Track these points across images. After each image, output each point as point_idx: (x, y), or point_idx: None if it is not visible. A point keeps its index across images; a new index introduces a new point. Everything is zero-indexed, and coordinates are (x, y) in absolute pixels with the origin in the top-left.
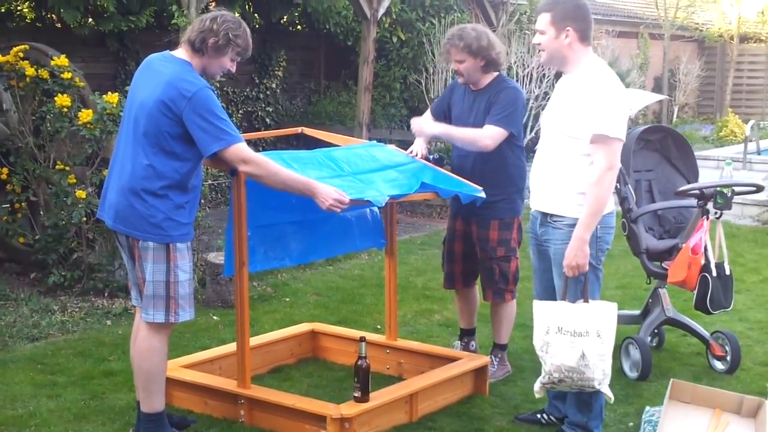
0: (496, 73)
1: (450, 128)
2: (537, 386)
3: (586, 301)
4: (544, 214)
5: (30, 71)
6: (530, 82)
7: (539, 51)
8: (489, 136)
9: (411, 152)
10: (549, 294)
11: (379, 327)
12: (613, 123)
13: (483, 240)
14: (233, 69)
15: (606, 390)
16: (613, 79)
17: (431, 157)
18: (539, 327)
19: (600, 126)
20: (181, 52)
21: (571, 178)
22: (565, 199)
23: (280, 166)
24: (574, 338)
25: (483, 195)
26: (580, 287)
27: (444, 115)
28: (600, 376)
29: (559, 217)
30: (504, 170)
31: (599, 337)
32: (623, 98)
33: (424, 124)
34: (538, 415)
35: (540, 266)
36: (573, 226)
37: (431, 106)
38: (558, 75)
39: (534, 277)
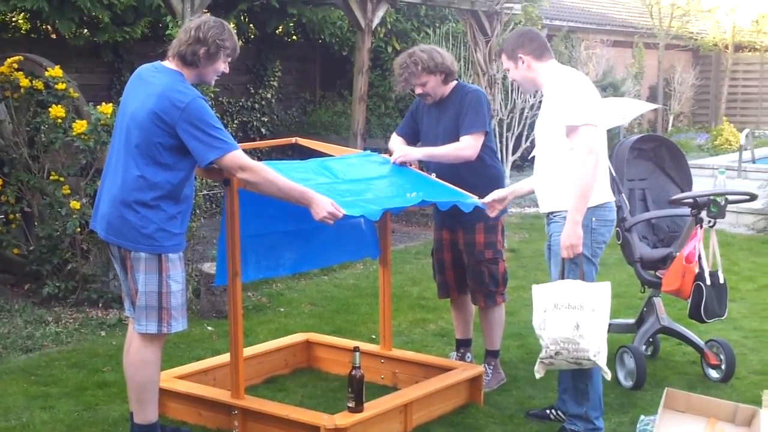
0: (455, 82)
1: (430, 150)
2: (537, 365)
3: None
4: (547, 214)
5: (24, 82)
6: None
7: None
8: (468, 146)
9: (396, 159)
10: None
11: (374, 337)
12: (576, 112)
13: (470, 245)
14: (227, 70)
15: (602, 364)
16: (572, 76)
17: (429, 171)
18: (538, 307)
19: (566, 118)
20: (172, 63)
21: (561, 174)
22: (559, 194)
23: (277, 174)
24: (569, 310)
25: (479, 203)
26: (575, 272)
27: (413, 132)
28: (595, 348)
29: (557, 212)
30: (482, 172)
31: (594, 311)
32: (585, 88)
33: (408, 151)
34: (548, 411)
35: (550, 265)
36: (566, 217)
37: (397, 129)
38: None
39: (549, 275)
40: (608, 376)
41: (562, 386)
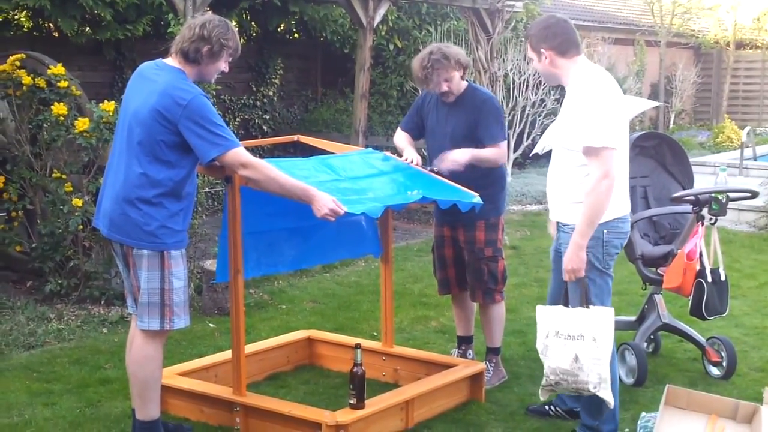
0: (466, 82)
1: (477, 152)
2: (540, 390)
3: (587, 307)
4: (558, 222)
5: (27, 80)
6: (527, 89)
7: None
8: (504, 154)
9: (407, 159)
10: (558, 295)
11: (375, 334)
12: (597, 133)
13: (470, 242)
14: (227, 69)
15: (604, 395)
16: (598, 86)
17: (430, 168)
18: (540, 331)
19: (586, 138)
20: (174, 61)
21: (572, 188)
22: (568, 207)
23: (278, 171)
24: (568, 341)
25: (480, 201)
26: (579, 292)
27: (417, 128)
28: (595, 379)
29: (565, 224)
30: (486, 171)
31: (595, 341)
32: (610, 104)
33: (456, 157)
34: (547, 407)
35: (555, 268)
36: None
37: (401, 124)
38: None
39: (550, 278)
40: (611, 405)
41: None
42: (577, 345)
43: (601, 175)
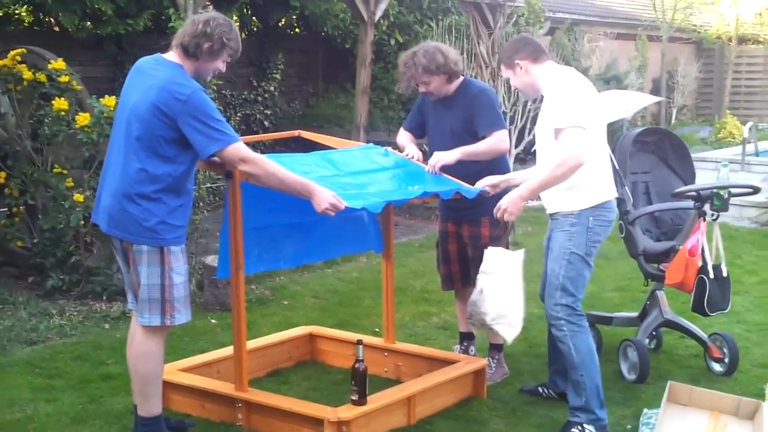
0: (461, 78)
1: (468, 148)
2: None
3: (506, 247)
4: (549, 214)
5: (27, 75)
6: None
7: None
8: (501, 139)
9: (408, 155)
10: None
11: (377, 330)
12: (562, 114)
13: (475, 237)
14: (224, 69)
15: (499, 329)
16: (566, 77)
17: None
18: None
19: (553, 121)
20: (173, 56)
21: None
22: (559, 196)
23: (278, 166)
24: (481, 275)
25: (481, 188)
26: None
27: (420, 127)
28: (493, 313)
29: (557, 212)
30: (489, 167)
31: (501, 278)
32: (575, 90)
33: (441, 156)
34: (540, 389)
35: (546, 254)
36: (566, 216)
37: (404, 124)
38: None
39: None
40: (508, 340)
41: (553, 367)
42: (486, 279)
43: (569, 153)
